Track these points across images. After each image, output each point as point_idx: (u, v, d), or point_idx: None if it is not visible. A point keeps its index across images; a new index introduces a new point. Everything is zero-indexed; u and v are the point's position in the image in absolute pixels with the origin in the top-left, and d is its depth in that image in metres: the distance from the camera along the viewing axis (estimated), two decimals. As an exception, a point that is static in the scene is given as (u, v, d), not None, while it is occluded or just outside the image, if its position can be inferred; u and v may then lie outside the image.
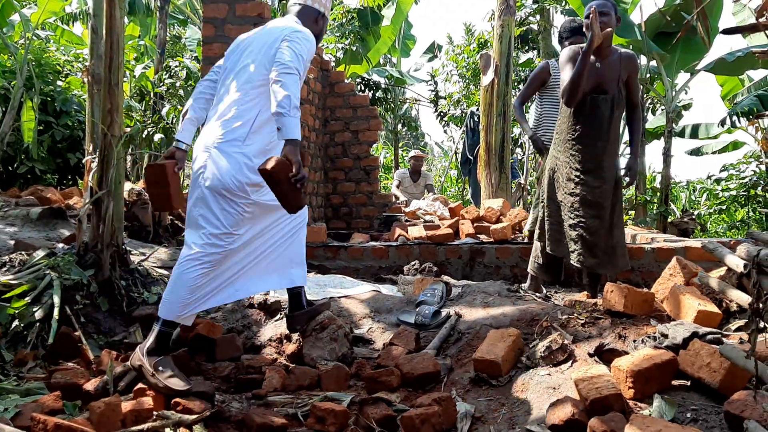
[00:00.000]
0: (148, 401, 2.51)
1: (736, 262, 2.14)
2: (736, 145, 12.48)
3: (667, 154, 8.90)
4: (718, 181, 12.62)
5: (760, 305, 1.75)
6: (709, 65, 8.86)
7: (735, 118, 9.25)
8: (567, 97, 3.73)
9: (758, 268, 1.76)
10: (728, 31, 2.87)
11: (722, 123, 9.56)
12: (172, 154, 3.07)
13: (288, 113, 2.64)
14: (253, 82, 2.92)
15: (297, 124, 2.67)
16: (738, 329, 2.71)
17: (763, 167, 11.62)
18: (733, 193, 11.82)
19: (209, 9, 5.28)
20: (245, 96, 2.91)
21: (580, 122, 3.77)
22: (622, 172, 3.88)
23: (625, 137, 4.73)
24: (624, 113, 3.98)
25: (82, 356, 3.13)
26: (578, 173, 3.75)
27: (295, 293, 3.24)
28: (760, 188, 11.36)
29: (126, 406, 2.46)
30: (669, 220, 8.63)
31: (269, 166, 2.58)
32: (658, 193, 9.18)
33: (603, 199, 3.72)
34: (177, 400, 2.52)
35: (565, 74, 3.76)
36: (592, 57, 3.71)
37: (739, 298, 2.30)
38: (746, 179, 11.69)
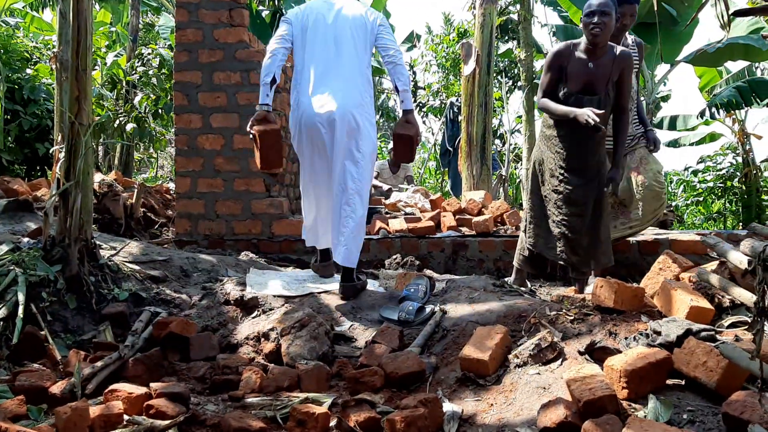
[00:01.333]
0: (118, 405, 2.37)
1: (739, 258, 2.05)
2: (713, 137, 12.56)
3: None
4: (695, 172, 12.69)
5: (765, 303, 1.66)
6: (688, 57, 8.87)
7: (714, 109, 9.27)
8: (539, 107, 3.71)
9: (764, 265, 1.67)
10: (739, 13, 2.77)
11: (701, 115, 9.58)
12: (265, 117, 3.64)
13: (409, 89, 3.65)
14: (359, 56, 3.63)
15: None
16: (731, 325, 2.64)
17: (739, 159, 11.69)
18: (710, 184, 11.89)
19: None
20: (361, 65, 3.64)
21: (565, 122, 3.66)
22: (606, 180, 3.75)
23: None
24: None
25: (49, 357, 2.98)
26: (562, 171, 3.67)
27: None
28: (736, 180, 11.44)
29: (94, 410, 2.32)
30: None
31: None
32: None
33: (586, 197, 3.64)
34: (150, 402, 2.39)
35: (545, 77, 3.72)
36: (584, 56, 3.62)
37: (742, 296, 2.22)
38: (723, 171, 11.76)
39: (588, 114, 3.43)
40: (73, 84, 3.45)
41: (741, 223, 11.34)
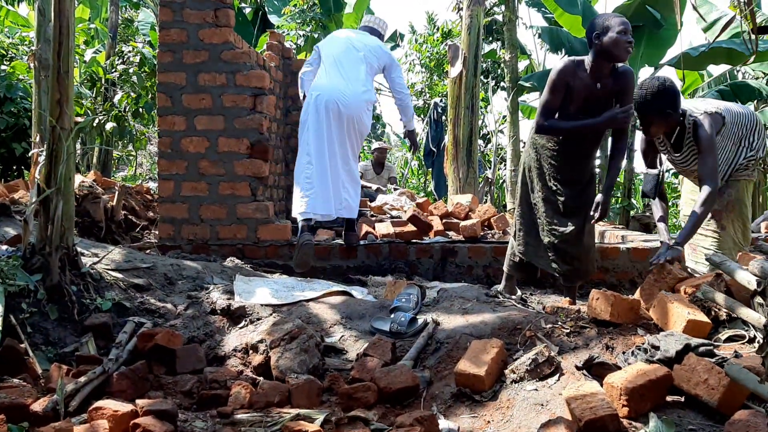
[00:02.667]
0: (103, 425, 2.28)
1: (747, 278, 2.02)
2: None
3: (630, 149, 8.92)
4: (676, 174, 12.76)
5: (775, 326, 1.62)
6: (672, 60, 8.89)
7: (696, 112, 9.31)
8: (540, 131, 3.59)
9: (773, 286, 1.64)
10: (763, 30, 2.73)
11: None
12: None
13: (411, 118, 5.35)
14: (369, 71, 4.88)
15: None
16: (729, 339, 2.62)
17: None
18: (691, 186, 11.97)
19: None
20: (368, 76, 4.88)
21: (563, 139, 3.60)
22: (594, 206, 3.62)
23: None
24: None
25: (29, 371, 2.87)
26: (555, 183, 3.61)
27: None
28: (717, 182, 11.53)
29: (79, 430, 2.23)
30: (631, 214, 8.66)
31: None
32: (621, 188, 9.21)
33: (577, 207, 3.60)
34: (137, 421, 2.30)
35: (544, 96, 3.56)
36: (588, 75, 3.47)
37: (750, 316, 2.19)
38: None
39: (616, 114, 3.40)
40: (54, 87, 3.32)
41: None
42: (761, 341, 1.70)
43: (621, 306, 2.86)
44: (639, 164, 4.17)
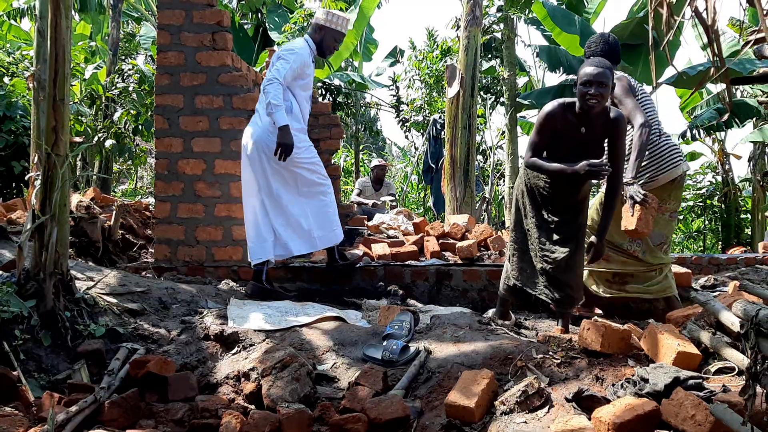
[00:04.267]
0: (92, 457, 2.29)
1: (731, 320, 2.03)
2: (693, 156, 12.68)
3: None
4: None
5: (758, 368, 1.63)
6: (671, 78, 8.93)
7: (695, 130, 9.35)
8: (526, 165, 3.66)
9: (756, 329, 1.64)
10: (738, 81, 2.76)
11: (683, 136, 9.65)
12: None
13: (271, 111, 4.19)
14: None
15: (281, 115, 4.17)
16: (718, 371, 2.62)
17: (719, 178, 11.81)
18: (690, 203, 11.99)
19: (165, 15, 5.01)
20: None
21: (554, 178, 3.63)
22: (587, 247, 3.70)
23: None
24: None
25: (21, 399, 2.87)
26: (548, 212, 3.63)
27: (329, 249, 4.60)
28: (716, 199, 11.54)
29: (68, 462, 2.24)
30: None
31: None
32: (619, 205, 9.22)
33: (570, 233, 3.60)
34: (125, 453, 2.31)
35: (532, 135, 3.66)
36: (576, 120, 3.48)
37: (734, 358, 2.20)
38: (703, 190, 11.86)
39: (585, 166, 3.37)
40: (50, 114, 3.35)
41: (720, 242, 11.44)
42: (744, 383, 1.71)
43: (612, 336, 2.87)
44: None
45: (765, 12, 2.10)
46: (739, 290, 2.38)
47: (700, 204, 11.78)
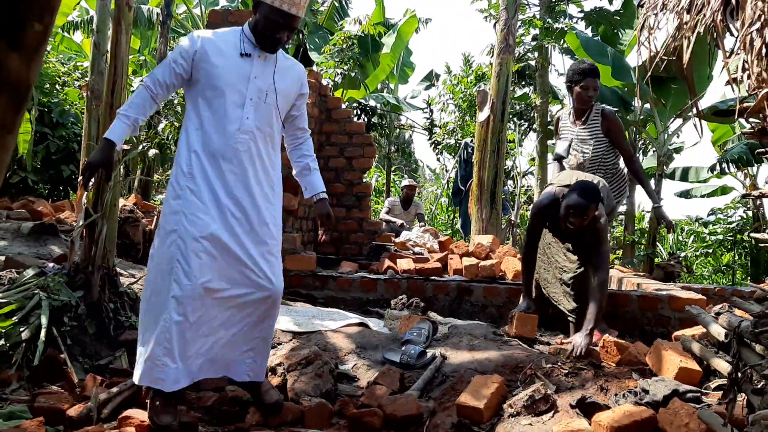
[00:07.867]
0: (131, 431, 2.52)
1: (718, 330, 2.19)
2: (724, 190, 12.65)
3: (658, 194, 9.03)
4: (705, 224, 12.76)
5: (739, 375, 1.79)
6: (704, 110, 9.01)
7: (725, 164, 9.40)
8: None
9: (738, 338, 1.80)
10: (720, 113, 2.94)
11: (712, 169, 9.70)
12: None
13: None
14: None
15: (116, 125, 2.86)
16: (717, 387, 2.76)
17: (750, 213, 11.78)
18: (720, 237, 11.96)
19: (214, 14, 5.28)
20: None
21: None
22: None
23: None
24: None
25: (67, 379, 3.13)
26: (560, 237, 3.95)
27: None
28: (746, 233, 11.51)
29: (109, 435, 2.47)
30: (655, 261, 8.72)
31: None
32: (646, 235, 9.29)
33: (586, 247, 3.81)
34: (161, 432, 2.53)
35: (531, 226, 4.10)
36: (565, 216, 3.72)
37: (720, 365, 2.35)
38: (733, 224, 11.83)
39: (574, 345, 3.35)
40: (106, 120, 3.65)
41: (749, 277, 11.38)
42: (726, 388, 1.87)
43: (619, 352, 3.03)
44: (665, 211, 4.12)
45: (728, 53, 2.29)
46: (729, 306, 2.53)
47: (730, 238, 11.76)
